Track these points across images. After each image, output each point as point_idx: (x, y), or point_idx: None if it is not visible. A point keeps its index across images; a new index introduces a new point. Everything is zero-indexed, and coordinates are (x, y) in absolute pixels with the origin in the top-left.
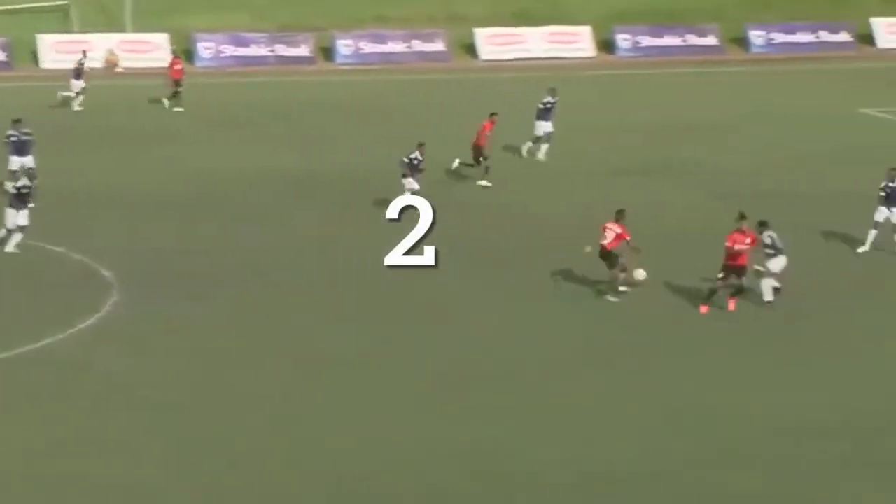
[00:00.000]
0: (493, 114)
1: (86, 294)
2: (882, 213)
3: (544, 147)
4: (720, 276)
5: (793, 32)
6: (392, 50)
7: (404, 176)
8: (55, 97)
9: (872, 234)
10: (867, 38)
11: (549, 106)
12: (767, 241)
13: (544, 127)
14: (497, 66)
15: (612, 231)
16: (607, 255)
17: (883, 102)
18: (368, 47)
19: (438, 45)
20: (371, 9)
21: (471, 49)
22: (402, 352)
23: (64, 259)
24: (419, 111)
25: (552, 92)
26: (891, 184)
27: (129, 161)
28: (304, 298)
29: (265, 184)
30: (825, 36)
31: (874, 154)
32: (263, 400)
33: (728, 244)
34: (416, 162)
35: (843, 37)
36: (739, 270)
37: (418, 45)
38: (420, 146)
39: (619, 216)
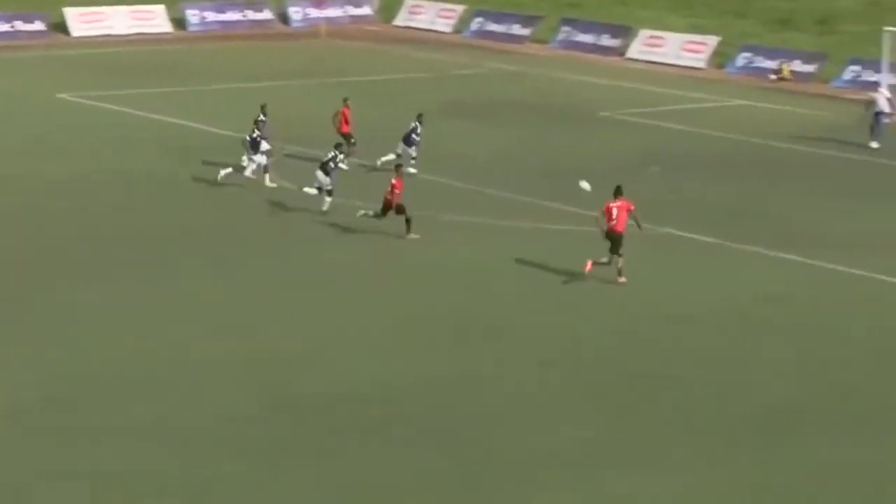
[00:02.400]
0: (345, 99)
1: None
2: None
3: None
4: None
5: None
6: None
7: (250, 148)
8: None
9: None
10: (61, 27)
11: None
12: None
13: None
14: None
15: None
16: (398, 207)
17: (77, 87)
18: None
19: None
20: None
21: None
22: None
23: None
24: None
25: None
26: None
27: None
28: None
29: None
30: (21, 25)
31: (76, 134)
32: None
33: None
34: (257, 139)
35: (38, 26)
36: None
37: None
38: (256, 122)
39: (398, 171)
